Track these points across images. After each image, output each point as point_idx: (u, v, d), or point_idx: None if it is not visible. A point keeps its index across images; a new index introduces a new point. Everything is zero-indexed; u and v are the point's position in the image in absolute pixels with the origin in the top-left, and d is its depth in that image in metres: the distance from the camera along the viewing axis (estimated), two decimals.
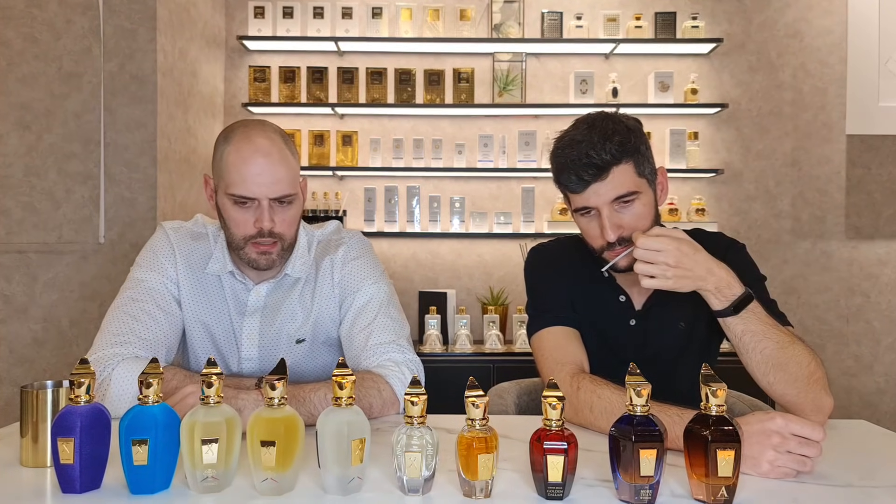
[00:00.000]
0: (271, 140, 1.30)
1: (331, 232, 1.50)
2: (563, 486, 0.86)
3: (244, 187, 1.27)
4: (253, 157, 1.27)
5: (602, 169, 1.25)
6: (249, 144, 1.28)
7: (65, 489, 0.88)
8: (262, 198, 1.28)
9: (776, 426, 0.96)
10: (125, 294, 1.34)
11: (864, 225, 3.39)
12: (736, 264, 1.31)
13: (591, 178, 1.26)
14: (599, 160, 1.25)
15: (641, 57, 3.39)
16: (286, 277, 1.41)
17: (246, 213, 1.29)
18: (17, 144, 2.59)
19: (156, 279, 1.36)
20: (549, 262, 1.48)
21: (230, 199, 1.29)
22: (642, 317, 1.39)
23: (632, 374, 0.90)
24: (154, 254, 1.39)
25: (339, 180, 3.39)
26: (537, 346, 1.39)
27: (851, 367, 3.40)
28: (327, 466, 0.88)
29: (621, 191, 1.26)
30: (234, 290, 1.40)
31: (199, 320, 1.39)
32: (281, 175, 1.28)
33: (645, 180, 1.30)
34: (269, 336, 1.40)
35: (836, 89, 3.39)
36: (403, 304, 3.49)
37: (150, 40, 2.61)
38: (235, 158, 1.28)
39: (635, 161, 1.28)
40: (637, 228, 1.27)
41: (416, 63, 3.36)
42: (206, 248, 1.41)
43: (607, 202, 1.27)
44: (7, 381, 2.59)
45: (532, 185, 3.31)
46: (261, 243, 1.30)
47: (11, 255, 2.59)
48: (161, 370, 0.91)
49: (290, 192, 1.30)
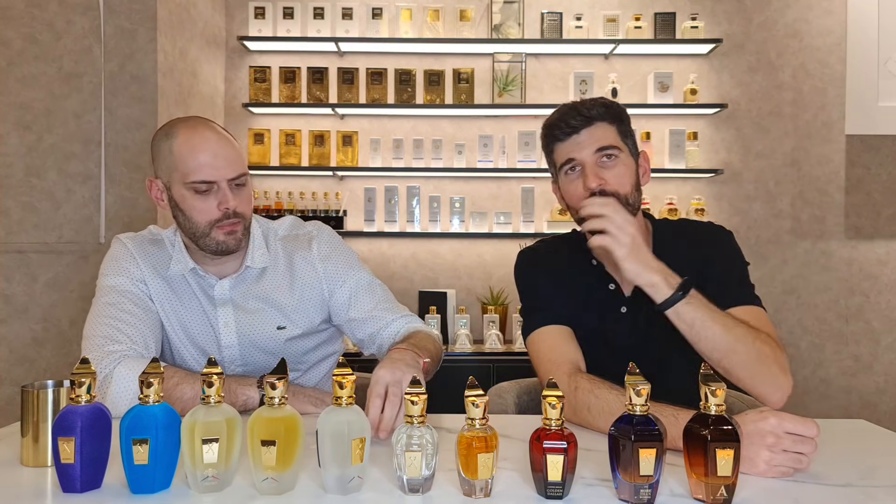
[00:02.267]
0: (215, 129, 1.37)
1: (291, 226, 1.53)
2: (563, 486, 0.86)
3: (203, 172, 1.31)
4: (204, 143, 1.32)
5: (588, 120, 1.34)
6: (196, 133, 1.33)
7: (65, 489, 0.88)
8: (220, 180, 1.32)
9: (770, 426, 0.96)
10: (100, 301, 1.36)
11: (864, 225, 3.40)
12: (724, 249, 1.40)
13: (578, 125, 1.34)
14: (587, 113, 1.34)
15: (641, 57, 3.39)
16: (248, 270, 1.44)
17: (207, 199, 1.33)
18: (18, 144, 2.59)
19: (125, 282, 1.38)
20: (538, 263, 1.50)
21: (190, 188, 1.32)
22: (632, 303, 1.41)
23: (631, 374, 0.90)
24: (116, 261, 1.41)
25: (339, 180, 3.40)
26: (532, 346, 1.40)
27: (851, 367, 3.40)
28: (327, 466, 0.88)
29: (604, 142, 1.33)
30: (200, 287, 1.43)
31: (174, 314, 1.41)
32: (234, 156, 1.35)
33: (627, 148, 1.37)
34: (245, 323, 1.42)
35: (836, 89, 3.39)
36: (403, 304, 3.48)
37: (150, 40, 2.62)
38: (187, 148, 1.32)
39: (618, 127, 1.37)
40: (620, 187, 1.33)
41: (416, 63, 3.37)
42: (165, 252, 1.44)
43: (591, 153, 1.33)
44: (7, 380, 2.59)
45: (532, 185, 3.31)
46: (225, 225, 1.34)
47: (12, 255, 2.59)
48: (161, 370, 0.91)
49: (243, 171, 1.36)
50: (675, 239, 1.42)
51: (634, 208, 1.35)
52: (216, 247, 1.36)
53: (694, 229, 1.46)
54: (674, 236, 1.43)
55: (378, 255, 3.38)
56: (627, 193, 1.33)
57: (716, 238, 1.42)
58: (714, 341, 1.20)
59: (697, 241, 1.42)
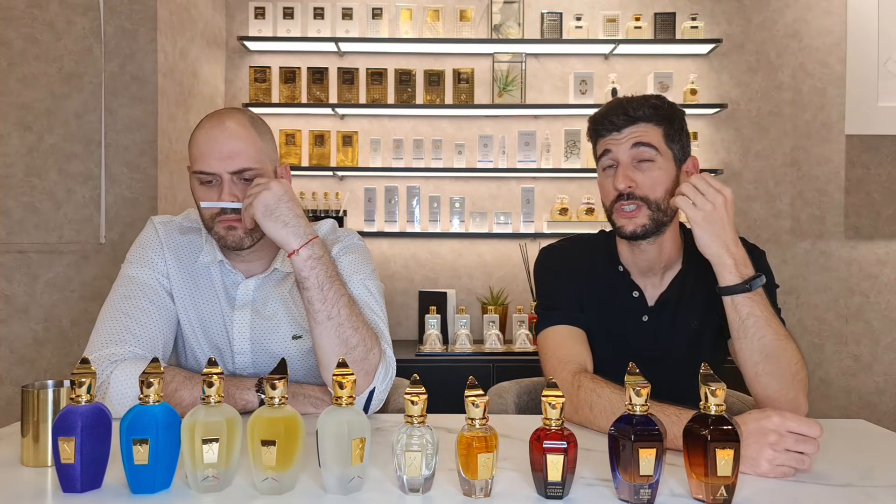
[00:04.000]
0: (236, 119, 1.33)
1: (326, 231, 1.50)
2: (563, 486, 0.86)
3: (203, 162, 1.30)
4: (211, 132, 1.30)
5: (633, 119, 1.32)
6: (212, 123, 1.32)
7: (66, 488, 0.88)
8: (222, 172, 1.29)
9: (773, 424, 0.96)
10: (117, 291, 1.35)
11: (864, 225, 3.40)
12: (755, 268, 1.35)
13: (621, 123, 1.32)
14: (632, 112, 1.32)
15: (641, 57, 3.39)
16: (275, 272, 1.42)
17: (210, 192, 1.31)
18: (18, 145, 2.59)
19: (146, 274, 1.36)
20: (559, 262, 1.49)
21: (196, 178, 1.32)
22: (655, 313, 1.40)
23: (631, 374, 0.90)
24: (143, 249, 1.40)
25: (339, 180, 3.40)
26: (542, 343, 1.40)
27: (851, 367, 3.40)
28: (327, 466, 0.88)
29: (642, 138, 1.31)
30: (224, 284, 1.41)
31: (193, 312, 1.40)
32: (239, 149, 1.30)
33: (671, 153, 1.33)
34: (260, 330, 1.40)
35: (836, 89, 3.39)
36: (403, 304, 3.45)
37: (150, 41, 2.62)
38: (199, 136, 1.32)
39: (666, 130, 1.33)
40: (650, 192, 1.31)
41: (416, 63, 3.37)
42: (197, 240, 1.43)
43: (627, 149, 1.31)
44: (8, 380, 2.59)
45: (532, 185, 3.31)
46: (225, 219, 1.32)
47: (12, 254, 2.59)
48: (162, 370, 0.91)
49: (248, 165, 1.31)
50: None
51: (666, 215, 1.33)
52: (219, 241, 1.35)
53: None
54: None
55: (378, 255, 3.38)
56: (658, 199, 1.31)
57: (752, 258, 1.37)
58: (760, 343, 1.19)
59: None
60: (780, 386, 1.19)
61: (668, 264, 1.41)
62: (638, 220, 1.31)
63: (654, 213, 1.31)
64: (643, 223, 1.31)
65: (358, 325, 1.24)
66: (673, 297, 1.40)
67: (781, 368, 1.18)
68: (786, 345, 1.19)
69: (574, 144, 3.29)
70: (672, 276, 1.42)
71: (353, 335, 1.22)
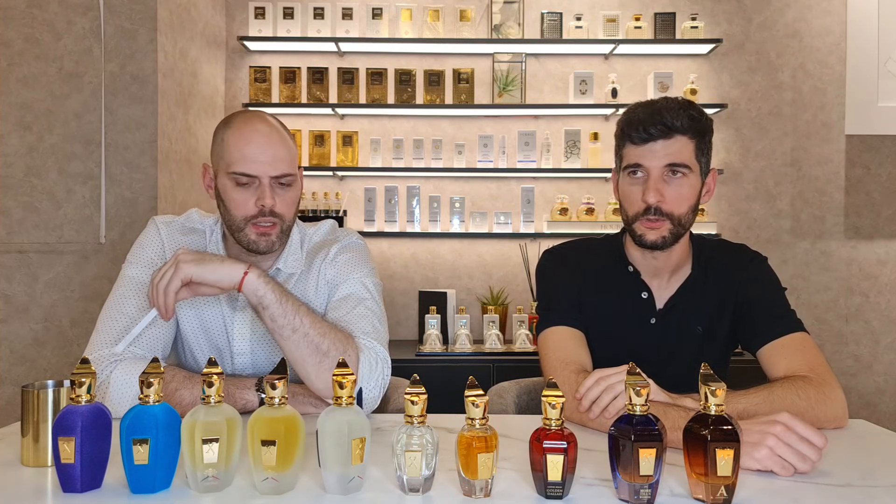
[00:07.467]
0: (271, 124, 1.34)
1: (326, 232, 1.50)
2: (563, 486, 0.86)
3: (246, 164, 1.30)
4: (253, 135, 1.31)
5: (669, 130, 1.29)
6: (250, 126, 1.32)
7: (66, 488, 0.88)
8: (262, 175, 1.30)
9: (782, 418, 0.99)
10: (118, 292, 1.35)
11: (864, 225, 3.40)
12: (764, 279, 1.40)
13: (657, 134, 1.29)
14: (670, 123, 1.29)
15: (641, 57, 3.39)
16: (278, 272, 1.42)
17: (246, 193, 1.31)
18: (18, 145, 2.59)
19: (147, 275, 1.36)
20: (561, 264, 1.50)
21: (231, 179, 1.31)
22: (663, 316, 1.41)
23: (631, 374, 0.90)
24: (143, 249, 1.40)
25: (339, 180, 3.40)
26: (543, 343, 1.41)
27: (851, 367, 3.40)
28: (327, 466, 0.88)
29: (677, 159, 1.30)
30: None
31: (193, 313, 1.40)
32: (281, 154, 1.32)
33: (699, 167, 1.34)
34: (260, 332, 1.40)
35: (836, 89, 3.39)
36: (403, 304, 3.45)
37: (150, 41, 2.62)
38: (237, 139, 1.31)
39: (698, 144, 1.32)
40: (676, 208, 1.31)
41: (416, 63, 3.37)
42: (199, 242, 1.42)
43: (661, 165, 1.30)
44: (8, 380, 2.59)
45: (532, 185, 3.31)
46: (261, 224, 1.32)
47: (12, 254, 2.59)
48: (162, 370, 0.91)
49: (289, 171, 1.33)
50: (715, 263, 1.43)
51: (685, 229, 1.35)
52: (248, 244, 1.34)
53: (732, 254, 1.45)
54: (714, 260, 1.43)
55: (378, 255, 3.38)
56: (682, 215, 1.32)
57: (750, 264, 1.42)
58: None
59: (737, 268, 1.41)
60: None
61: (677, 268, 1.43)
62: (660, 231, 1.32)
63: (676, 227, 1.33)
64: (664, 235, 1.33)
65: (324, 330, 1.24)
66: (681, 301, 1.41)
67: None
68: (827, 407, 1.20)
69: (574, 144, 3.29)
70: (681, 281, 1.43)
71: (322, 341, 1.23)
